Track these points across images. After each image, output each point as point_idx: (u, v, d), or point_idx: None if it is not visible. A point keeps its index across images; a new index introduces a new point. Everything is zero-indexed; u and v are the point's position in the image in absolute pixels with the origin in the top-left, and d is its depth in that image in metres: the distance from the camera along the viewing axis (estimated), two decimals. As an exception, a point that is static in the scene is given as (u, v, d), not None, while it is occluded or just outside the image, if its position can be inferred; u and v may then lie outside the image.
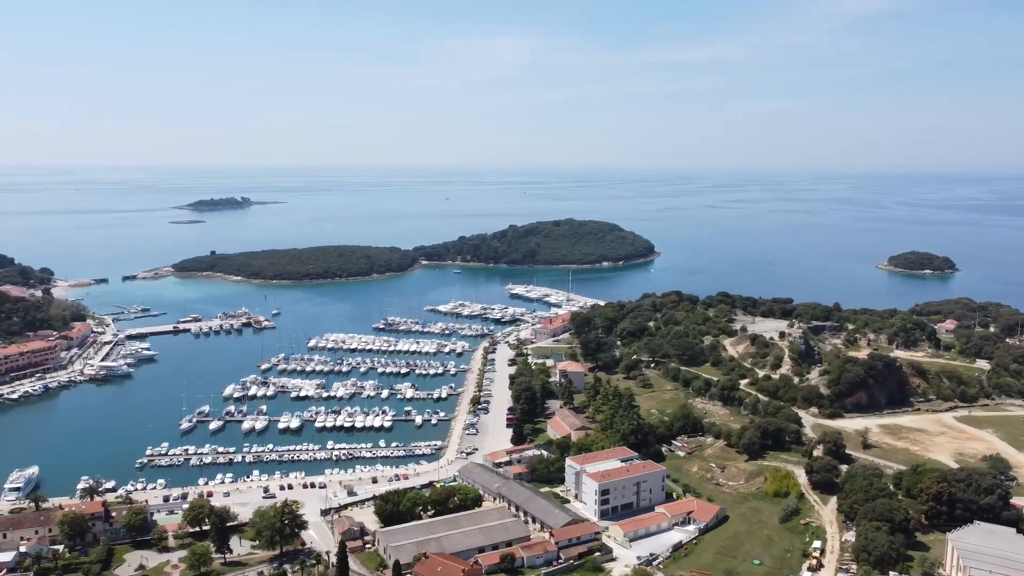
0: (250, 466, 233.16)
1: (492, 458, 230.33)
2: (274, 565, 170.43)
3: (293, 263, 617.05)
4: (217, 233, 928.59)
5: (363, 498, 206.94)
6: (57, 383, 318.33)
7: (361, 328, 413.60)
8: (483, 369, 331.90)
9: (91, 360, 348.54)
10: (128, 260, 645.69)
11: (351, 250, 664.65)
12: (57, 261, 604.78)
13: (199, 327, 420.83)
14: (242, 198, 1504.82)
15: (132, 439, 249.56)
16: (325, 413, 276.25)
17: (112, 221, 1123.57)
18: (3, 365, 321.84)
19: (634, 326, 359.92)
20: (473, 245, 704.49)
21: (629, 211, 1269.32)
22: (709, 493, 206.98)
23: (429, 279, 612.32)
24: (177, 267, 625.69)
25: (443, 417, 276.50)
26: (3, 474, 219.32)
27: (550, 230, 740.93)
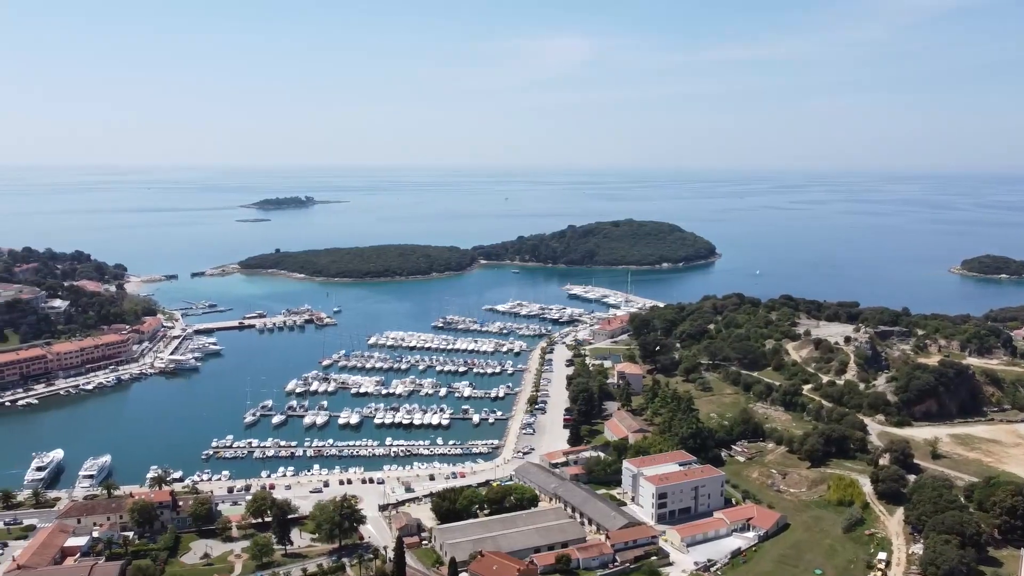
0: (311, 460, 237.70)
1: (549, 458, 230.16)
2: (333, 558, 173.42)
3: (355, 261, 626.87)
4: (281, 231, 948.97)
5: (420, 495, 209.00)
6: (129, 375, 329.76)
7: (420, 326, 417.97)
8: (540, 369, 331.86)
9: (161, 354, 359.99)
10: (197, 257, 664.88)
11: (411, 249, 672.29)
12: (130, 257, 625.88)
13: (263, 323, 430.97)
14: (306, 197, 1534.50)
15: (198, 431, 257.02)
16: (384, 410, 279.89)
17: (182, 219, 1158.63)
18: (79, 357, 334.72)
19: (694, 328, 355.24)
20: (532, 245, 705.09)
21: (690, 212, 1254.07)
22: (769, 500, 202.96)
23: (488, 278, 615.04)
24: (243, 264, 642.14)
25: (500, 416, 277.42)
26: (78, 462, 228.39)
27: (609, 230, 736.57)
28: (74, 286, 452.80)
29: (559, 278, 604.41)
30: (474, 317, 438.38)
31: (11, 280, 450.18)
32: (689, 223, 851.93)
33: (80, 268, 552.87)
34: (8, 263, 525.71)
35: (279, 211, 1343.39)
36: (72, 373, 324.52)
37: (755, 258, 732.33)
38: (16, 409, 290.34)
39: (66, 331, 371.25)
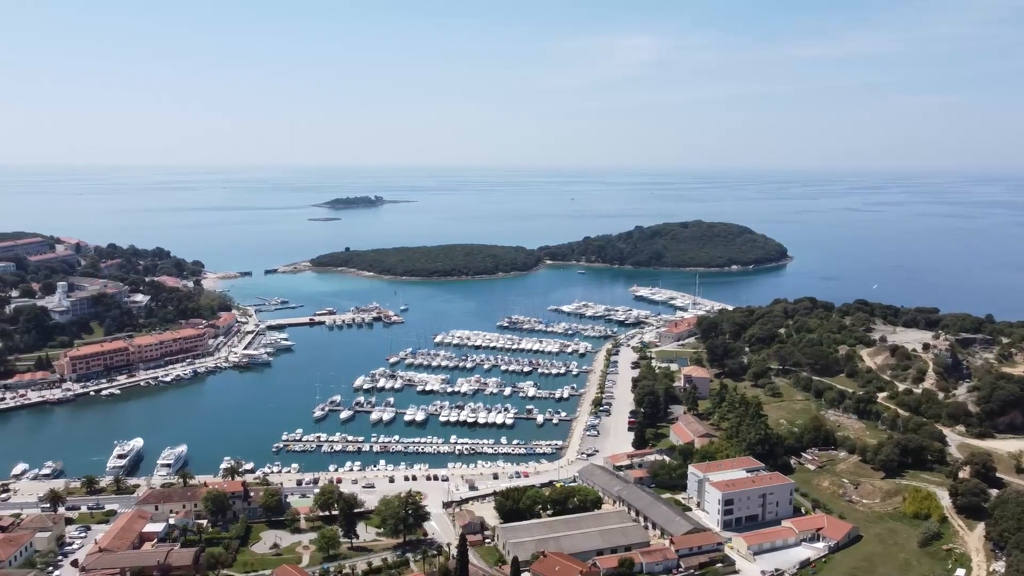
0: (377, 455, 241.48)
1: (613, 461, 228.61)
2: (397, 553, 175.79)
3: (422, 260, 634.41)
4: (351, 230, 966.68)
5: (484, 493, 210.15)
6: (205, 368, 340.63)
7: (485, 326, 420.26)
8: (605, 371, 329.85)
9: (235, 348, 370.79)
10: (270, 255, 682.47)
11: (477, 248, 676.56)
12: (207, 254, 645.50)
13: (333, 320, 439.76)
14: (375, 197, 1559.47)
15: (269, 424, 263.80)
16: (449, 408, 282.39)
17: (256, 218, 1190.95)
18: (159, 350, 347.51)
19: (764, 332, 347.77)
20: (598, 246, 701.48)
21: (761, 213, 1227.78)
22: (841, 510, 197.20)
23: (553, 279, 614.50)
24: (314, 262, 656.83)
25: (564, 417, 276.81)
26: (157, 451, 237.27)
27: (677, 232, 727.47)
28: (155, 282, 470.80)
29: (625, 279, 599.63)
30: (539, 317, 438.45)
31: (97, 275, 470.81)
32: (760, 225, 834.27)
33: (160, 264, 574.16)
34: (95, 259, 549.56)
35: (349, 210, 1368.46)
36: (152, 365, 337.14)
37: (828, 262, 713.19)
38: (100, 399, 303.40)
39: (147, 325, 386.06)
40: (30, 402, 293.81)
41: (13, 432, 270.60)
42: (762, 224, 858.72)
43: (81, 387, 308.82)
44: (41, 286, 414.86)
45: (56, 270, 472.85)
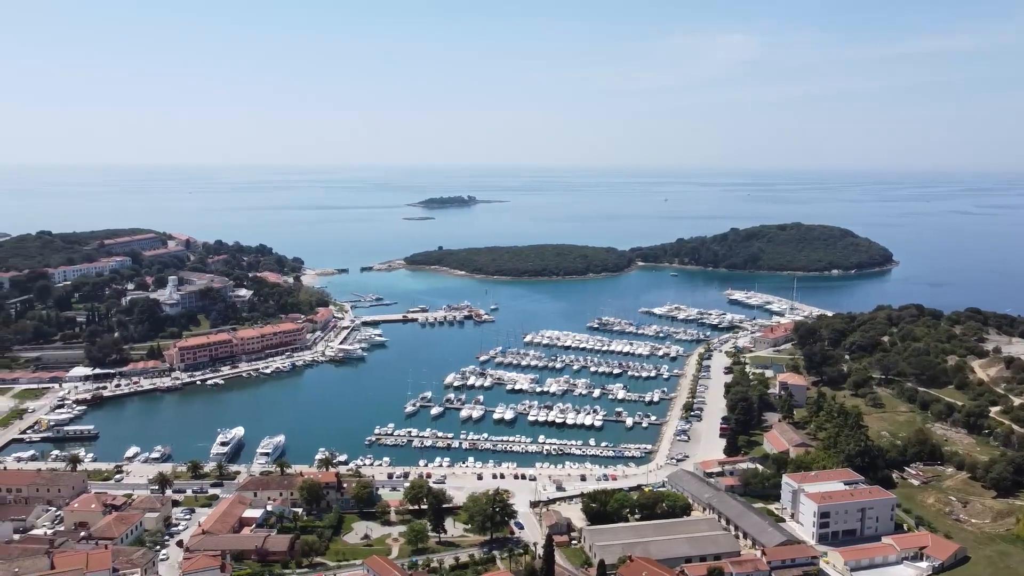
0: (466, 452, 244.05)
1: (703, 467, 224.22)
2: (484, 550, 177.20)
3: (513, 260, 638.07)
4: (444, 229, 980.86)
5: (571, 494, 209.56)
6: (303, 362, 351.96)
7: (575, 326, 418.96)
8: (697, 375, 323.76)
9: (331, 343, 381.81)
10: (366, 252, 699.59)
11: (568, 249, 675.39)
12: (306, 251, 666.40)
13: (425, 317, 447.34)
14: (468, 196, 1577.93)
15: (363, 417, 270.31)
16: (538, 407, 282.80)
17: (354, 216, 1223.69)
18: (260, 343, 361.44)
19: (865, 340, 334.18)
20: (691, 248, 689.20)
21: (865, 215, 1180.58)
22: (947, 529, 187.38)
23: (645, 280, 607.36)
24: (408, 260, 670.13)
25: (654, 421, 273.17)
26: (256, 440, 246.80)
27: (774, 234, 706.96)
28: (257, 277, 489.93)
29: (719, 282, 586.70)
30: (630, 319, 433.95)
31: (204, 270, 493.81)
32: (863, 227, 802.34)
33: (263, 260, 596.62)
34: (203, 255, 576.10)
35: (443, 210, 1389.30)
36: (253, 357, 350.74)
37: (937, 267, 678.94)
38: (205, 388, 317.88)
39: (249, 318, 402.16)
40: (142, 389, 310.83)
41: (127, 417, 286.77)
42: (866, 227, 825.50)
43: (188, 376, 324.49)
44: (154, 280, 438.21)
45: (168, 265, 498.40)
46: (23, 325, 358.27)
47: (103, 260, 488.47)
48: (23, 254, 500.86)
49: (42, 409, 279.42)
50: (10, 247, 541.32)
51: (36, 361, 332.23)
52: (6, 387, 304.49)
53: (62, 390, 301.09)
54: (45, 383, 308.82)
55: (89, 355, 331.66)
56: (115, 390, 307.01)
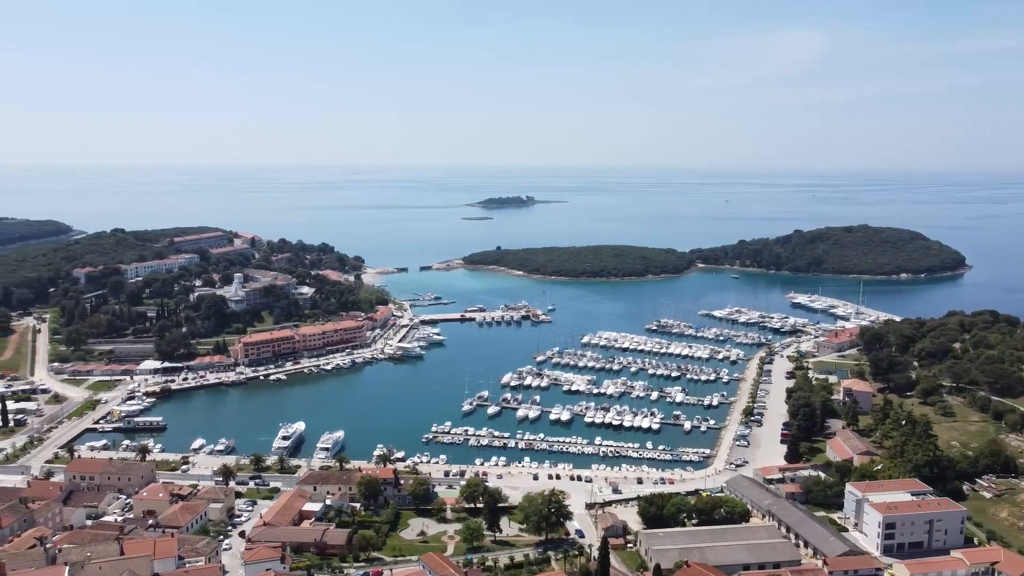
0: (522, 452, 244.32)
1: (763, 473, 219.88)
2: (539, 550, 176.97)
3: (571, 260, 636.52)
4: (503, 229, 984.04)
5: (627, 497, 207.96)
6: (362, 359, 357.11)
7: (633, 328, 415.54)
8: (758, 379, 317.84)
9: (390, 340, 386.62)
10: (425, 252, 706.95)
11: (627, 250, 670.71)
12: (367, 250, 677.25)
13: (483, 317, 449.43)
14: (527, 197, 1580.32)
15: (420, 415, 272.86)
16: (595, 409, 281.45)
17: (413, 216, 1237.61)
18: (321, 340, 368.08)
19: (935, 347, 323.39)
20: (753, 250, 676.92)
21: (937, 218, 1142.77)
22: (1021, 544, 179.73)
23: (705, 283, 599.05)
24: (466, 260, 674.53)
25: (713, 425, 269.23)
26: (316, 435, 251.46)
27: (840, 236, 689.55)
28: (319, 275, 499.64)
29: (782, 285, 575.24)
30: (689, 322, 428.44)
31: (269, 268, 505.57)
32: (934, 230, 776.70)
33: (325, 259, 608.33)
34: (267, 253, 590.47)
35: (501, 210, 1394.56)
36: (314, 354, 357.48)
37: (1014, 272, 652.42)
38: (268, 383, 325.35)
39: (311, 315, 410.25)
40: (208, 383, 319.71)
41: (193, 410, 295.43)
42: (937, 230, 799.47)
43: (252, 371, 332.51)
44: (220, 277, 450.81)
45: (233, 262, 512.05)
46: (98, 319, 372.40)
47: (173, 257, 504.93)
48: (98, 251, 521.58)
49: (114, 400, 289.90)
50: (86, 244, 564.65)
51: (109, 354, 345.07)
52: (82, 378, 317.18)
53: (133, 382, 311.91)
54: (117, 375, 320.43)
55: (158, 349, 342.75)
56: (182, 383, 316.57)
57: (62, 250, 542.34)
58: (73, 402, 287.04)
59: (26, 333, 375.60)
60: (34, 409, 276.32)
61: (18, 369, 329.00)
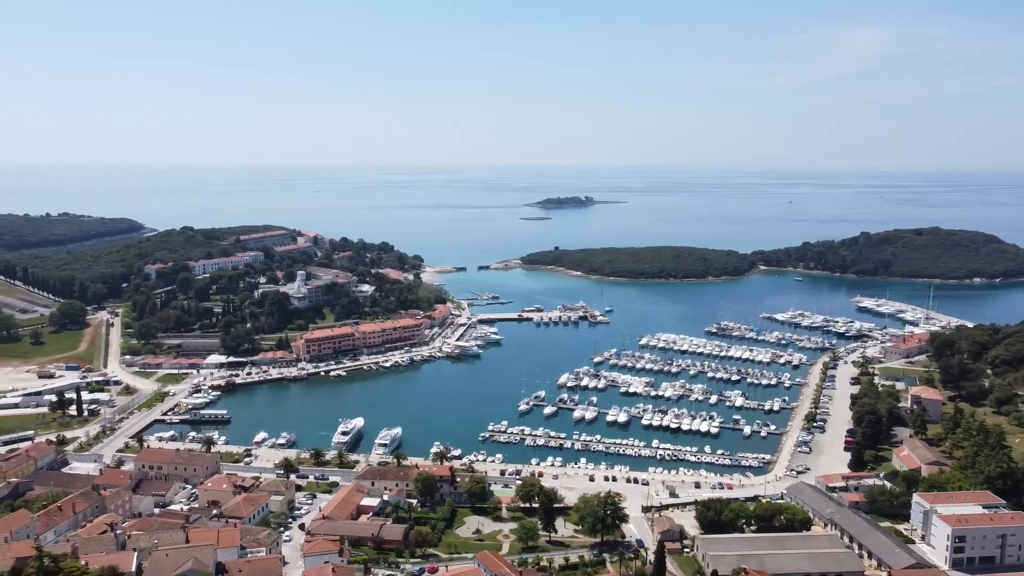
0: (578, 453, 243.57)
1: (826, 481, 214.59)
2: (594, 552, 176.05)
3: (630, 261, 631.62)
4: (561, 229, 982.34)
5: (684, 501, 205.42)
6: (420, 357, 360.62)
7: (693, 330, 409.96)
8: (821, 385, 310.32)
9: (448, 339, 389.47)
10: (483, 251, 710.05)
11: (687, 251, 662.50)
12: (426, 249, 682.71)
13: (540, 317, 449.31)
14: (585, 197, 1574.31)
15: (477, 414, 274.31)
16: (652, 411, 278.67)
17: (472, 216, 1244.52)
18: (380, 337, 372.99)
19: (1011, 354, 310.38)
20: (818, 252, 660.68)
21: (1012, 220, 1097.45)
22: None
23: (767, 285, 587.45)
24: (524, 260, 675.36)
25: (773, 430, 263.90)
26: (375, 431, 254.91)
27: (909, 239, 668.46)
28: (379, 273, 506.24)
29: (847, 289, 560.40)
30: (750, 324, 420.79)
31: (330, 266, 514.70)
32: (1011, 233, 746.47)
33: (385, 258, 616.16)
34: (329, 251, 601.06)
35: (560, 210, 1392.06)
36: (374, 351, 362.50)
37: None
38: (329, 379, 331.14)
39: (371, 313, 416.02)
40: (271, 378, 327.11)
41: (257, 404, 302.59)
42: (1014, 232, 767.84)
43: (313, 367, 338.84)
44: (284, 274, 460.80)
45: (296, 260, 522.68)
46: (167, 314, 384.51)
47: (238, 255, 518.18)
48: (168, 248, 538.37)
49: (181, 393, 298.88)
50: (157, 241, 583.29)
51: (177, 348, 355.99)
52: (151, 371, 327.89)
53: (199, 376, 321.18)
54: (185, 369, 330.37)
55: (224, 344, 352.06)
56: (246, 378, 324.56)
57: (134, 247, 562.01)
58: (143, 394, 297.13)
59: (100, 327, 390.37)
60: (107, 400, 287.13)
61: (92, 361, 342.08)
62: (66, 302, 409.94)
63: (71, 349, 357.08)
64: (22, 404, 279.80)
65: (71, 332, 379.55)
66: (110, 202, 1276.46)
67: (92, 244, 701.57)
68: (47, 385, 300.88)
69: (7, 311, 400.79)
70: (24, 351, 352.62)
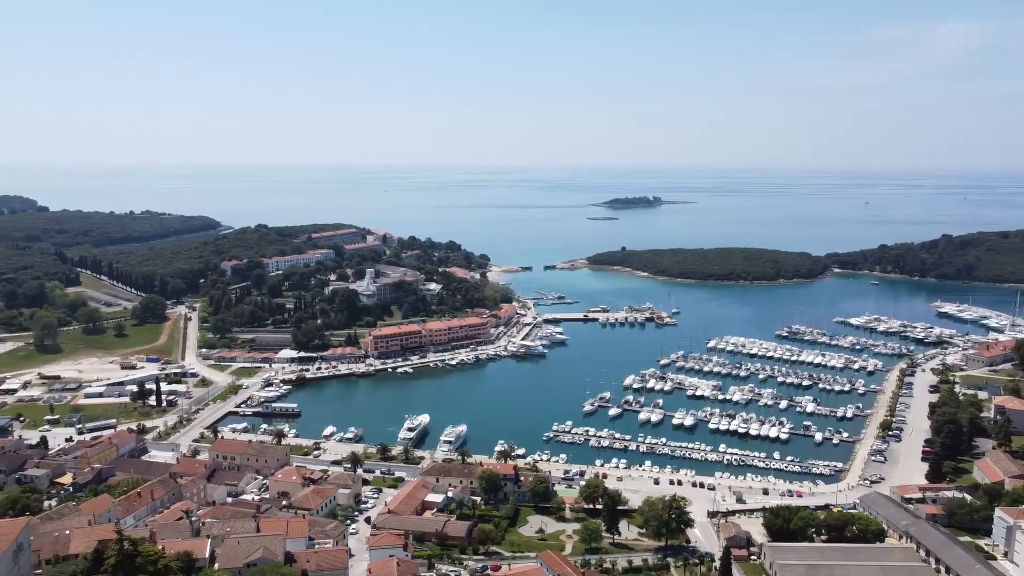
0: (643, 455, 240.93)
1: (901, 491, 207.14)
2: (658, 556, 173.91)
3: (698, 263, 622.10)
4: (628, 230, 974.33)
5: (752, 507, 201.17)
6: (486, 355, 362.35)
7: (762, 334, 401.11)
8: (897, 392, 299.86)
9: (513, 338, 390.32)
10: (549, 251, 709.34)
11: (757, 253, 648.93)
12: (492, 248, 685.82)
13: (606, 317, 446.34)
14: (653, 197, 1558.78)
15: (541, 413, 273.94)
16: (720, 415, 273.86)
17: (538, 216, 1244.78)
18: (447, 335, 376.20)
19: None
20: (896, 255, 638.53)
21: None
22: None
23: (841, 288, 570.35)
24: (591, 260, 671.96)
25: (846, 438, 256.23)
26: (440, 428, 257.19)
27: (995, 242, 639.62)
28: (446, 272, 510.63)
29: (927, 293, 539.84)
30: (823, 329, 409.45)
31: (399, 264, 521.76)
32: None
33: (452, 256, 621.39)
34: (397, 250, 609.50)
35: (627, 210, 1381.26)
36: (440, 349, 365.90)
37: None
38: (395, 375, 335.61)
39: (437, 311, 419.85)
40: (339, 373, 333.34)
41: (325, 398, 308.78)
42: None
43: (380, 363, 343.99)
44: (353, 272, 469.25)
45: (366, 258, 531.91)
46: (241, 309, 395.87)
47: (310, 252, 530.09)
48: (243, 245, 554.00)
49: (254, 386, 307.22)
50: (233, 239, 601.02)
51: (251, 342, 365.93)
52: (226, 364, 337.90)
53: (271, 370, 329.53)
54: (258, 363, 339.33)
55: (295, 339, 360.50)
56: (316, 372, 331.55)
57: (212, 244, 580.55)
58: (218, 386, 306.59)
59: (178, 320, 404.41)
60: (184, 391, 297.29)
61: (171, 353, 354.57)
62: (147, 296, 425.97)
63: (151, 342, 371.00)
64: (106, 393, 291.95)
65: (151, 325, 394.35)
66: (189, 200, 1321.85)
67: (172, 241, 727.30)
68: (129, 376, 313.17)
69: (93, 304, 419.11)
70: (108, 343, 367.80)
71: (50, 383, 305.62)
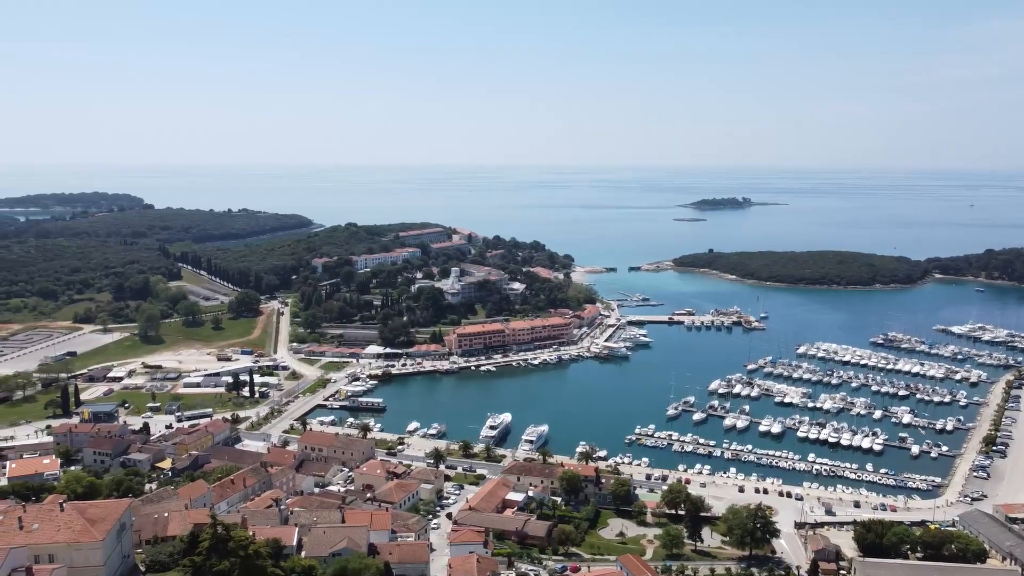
0: (727, 462, 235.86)
1: (1006, 510, 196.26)
2: (742, 565, 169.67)
3: (788, 266, 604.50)
4: (716, 231, 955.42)
5: (842, 520, 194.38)
6: (568, 356, 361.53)
7: (856, 340, 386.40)
8: (1003, 405, 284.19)
9: (597, 339, 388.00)
10: (634, 252, 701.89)
11: (852, 256, 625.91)
12: (576, 249, 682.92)
13: (692, 320, 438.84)
14: (743, 198, 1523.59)
15: (623, 416, 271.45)
16: (809, 424, 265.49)
17: (624, 216, 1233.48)
18: (529, 335, 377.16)
19: None
20: (1003, 260, 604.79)
21: None
22: None
23: (942, 295, 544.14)
24: (677, 261, 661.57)
25: (945, 452, 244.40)
26: (522, 427, 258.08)
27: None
28: (530, 272, 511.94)
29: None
30: (922, 337, 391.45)
31: (483, 263, 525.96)
32: None
33: (536, 256, 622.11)
34: (482, 249, 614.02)
35: (715, 211, 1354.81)
36: (523, 348, 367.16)
37: None
38: (479, 373, 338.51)
39: (520, 311, 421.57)
40: (424, 370, 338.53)
41: (410, 394, 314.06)
42: None
43: (464, 361, 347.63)
44: (439, 270, 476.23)
45: (451, 257, 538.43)
46: (331, 305, 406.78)
47: (397, 251, 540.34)
48: (333, 243, 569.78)
49: (342, 380, 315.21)
50: (323, 237, 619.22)
51: (339, 338, 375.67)
52: (315, 358, 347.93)
53: (358, 365, 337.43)
54: (345, 358, 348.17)
55: (382, 335, 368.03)
56: (401, 369, 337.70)
57: (303, 241, 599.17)
58: (307, 379, 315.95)
59: (271, 315, 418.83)
60: (275, 384, 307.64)
61: (264, 347, 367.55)
62: (243, 291, 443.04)
63: (246, 335, 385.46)
64: (203, 383, 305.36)
65: (246, 319, 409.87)
66: (283, 199, 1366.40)
67: (266, 238, 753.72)
68: (224, 367, 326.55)
69: (193, 298, 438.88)
70: (206, 335, 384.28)
71: (152, 372, 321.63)
